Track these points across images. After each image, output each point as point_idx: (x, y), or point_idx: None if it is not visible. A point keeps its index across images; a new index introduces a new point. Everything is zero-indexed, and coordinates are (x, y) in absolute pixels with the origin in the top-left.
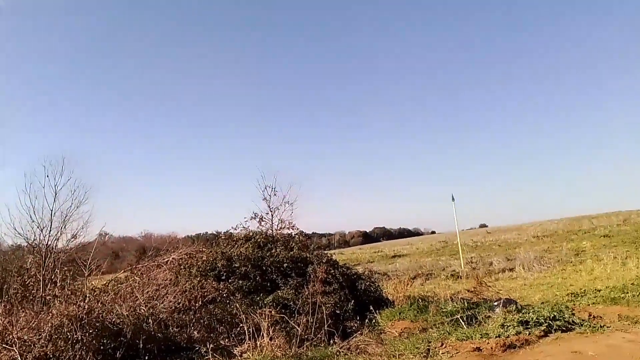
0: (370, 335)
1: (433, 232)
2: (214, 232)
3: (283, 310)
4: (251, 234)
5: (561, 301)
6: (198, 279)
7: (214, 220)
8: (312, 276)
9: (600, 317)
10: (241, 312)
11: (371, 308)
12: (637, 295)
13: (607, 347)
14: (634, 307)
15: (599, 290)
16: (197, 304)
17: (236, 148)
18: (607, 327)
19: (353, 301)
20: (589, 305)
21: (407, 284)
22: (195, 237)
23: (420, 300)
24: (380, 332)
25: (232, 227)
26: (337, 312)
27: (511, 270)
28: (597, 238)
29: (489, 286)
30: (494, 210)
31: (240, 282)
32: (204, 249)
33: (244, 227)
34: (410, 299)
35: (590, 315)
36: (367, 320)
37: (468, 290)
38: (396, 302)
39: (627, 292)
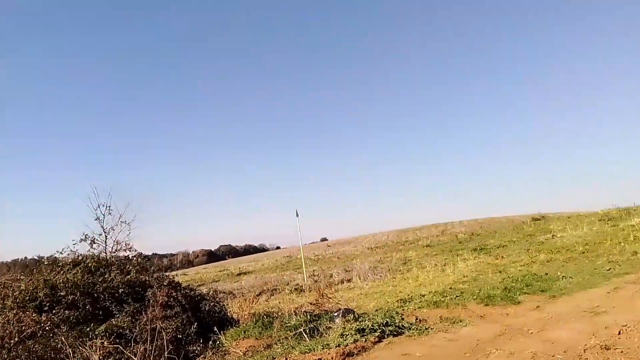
0: (214, 357)
1: (278, 248)
2: (36, 257)
3: (118, 340)
4: (80, 258)
5: (392, 307)
6: (14, 311)
7: (35, 244)
8: (151, 301)
9: (425, 320)
10: (67, 346)
11: (215, 329)
12: (455, 298)
13: (431, 347)
14: (452, 308)
15: (424, 295)
16: (12, 341)
17: (65, 160)
18: (431, 329)
19: (196, 324)
20: (415, 309)
21: (252, 301)
22: (11, 263)
23: (265, 316)
24: (224, 353)
25: (58, 251)
26: (179, 336)
27: (349, 280)
28: (421, 248)
29: (330, 297)
30: (333, 224)
31: (67, 312)
32: (22, 277)
33: (72, 250)
34: (255, 316)
35: (416, 319)
36: (211, 342)
37: (310, 303)
38: (241, 320)
39: (447, 296)
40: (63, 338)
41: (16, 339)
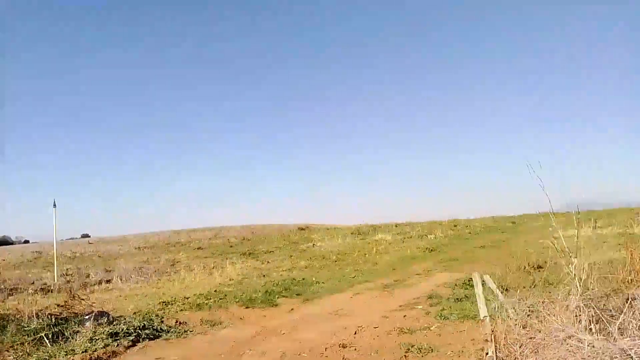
0: None
1: (27, 242)
2: None
3: None
4: None
5: (153, 310)
6: None
7: None
8: None
9: (186, 323)
10: None
11: None
12: (218, 301)
13: (188, 350)
14: (214, 311)
15: (188, 298)
16: None
17: None
18: (191, 331)
19: None
20: (177, 312)
21: None
22: None
23: None
24: None
25: None
26: None
27: (108, 281)
28: (192, 250)
29: (83, 299)
30: (98, 220)
31: None
32: None
33: None
34: None
35: (177, 321)
36: None
37: (58, 305)
38: None
39: (210, 299)
40: None
41: None
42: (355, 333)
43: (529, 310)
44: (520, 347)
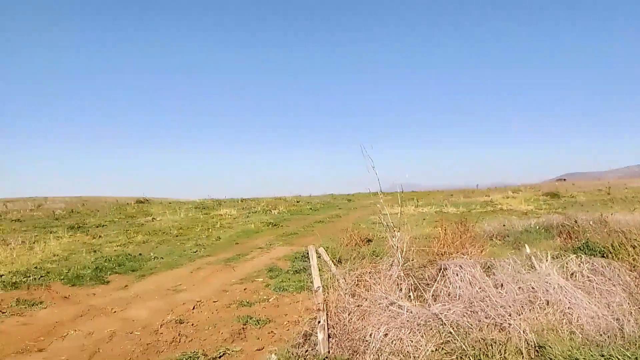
0: None
1: None
2: None
3: None
4: None
5: None
6: None
7: None
8: None
9: None
10: None
11: None
12: (39, 278)
13: None
14: (34, 290)
15: (2, 276)
16: None
17: None
18: (3, 312)
19: None
20: None
21: None
22: None
23: None
24: None
25: None
26: None
27: None
28: (8, 222)
29: None
30: None
31: None
32: None
33: None
34: None
35: None
36: None
37: None
38: None
39: (30, 276)
40: None
41: None
42: (193, 308)
43: (357, 280)
44: (349, 314)
